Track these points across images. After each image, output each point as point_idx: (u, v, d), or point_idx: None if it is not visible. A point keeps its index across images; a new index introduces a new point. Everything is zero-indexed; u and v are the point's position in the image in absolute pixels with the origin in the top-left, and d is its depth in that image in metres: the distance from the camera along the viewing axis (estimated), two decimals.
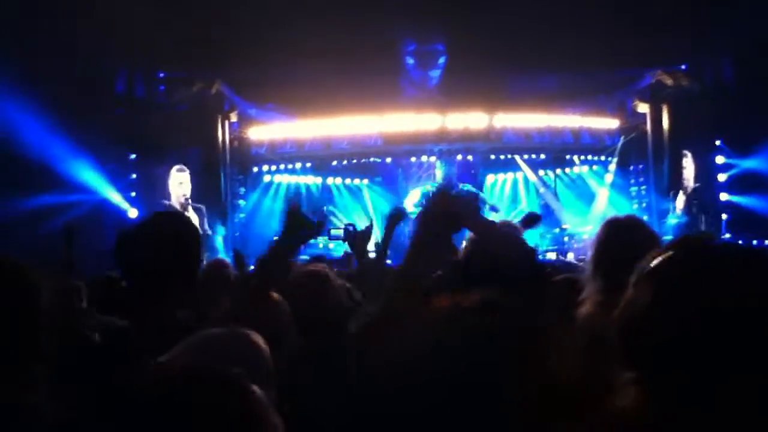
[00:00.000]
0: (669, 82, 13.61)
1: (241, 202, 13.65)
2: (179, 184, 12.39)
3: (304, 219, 2.02)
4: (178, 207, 12.06)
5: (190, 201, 12.21)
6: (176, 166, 12.37)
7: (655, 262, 0.96)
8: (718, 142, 13.44)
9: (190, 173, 12.46)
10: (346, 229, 4.08)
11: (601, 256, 2.33)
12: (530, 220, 3.58)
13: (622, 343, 0.92)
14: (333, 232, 6.75)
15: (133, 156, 12.07)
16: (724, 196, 13.35)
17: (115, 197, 11.53)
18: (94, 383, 1.61)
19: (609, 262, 2.27)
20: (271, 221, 13.48)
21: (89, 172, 10.82)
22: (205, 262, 3.65)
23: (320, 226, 2.10)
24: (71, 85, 9.65)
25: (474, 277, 2.16)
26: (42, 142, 9.47)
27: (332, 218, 13.97)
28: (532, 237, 12.52)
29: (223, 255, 9.94)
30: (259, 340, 1.54)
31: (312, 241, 10.60)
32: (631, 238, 2.31)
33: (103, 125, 10.67)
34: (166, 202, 12.13)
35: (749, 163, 12.75)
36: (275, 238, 2.08)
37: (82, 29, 9.20)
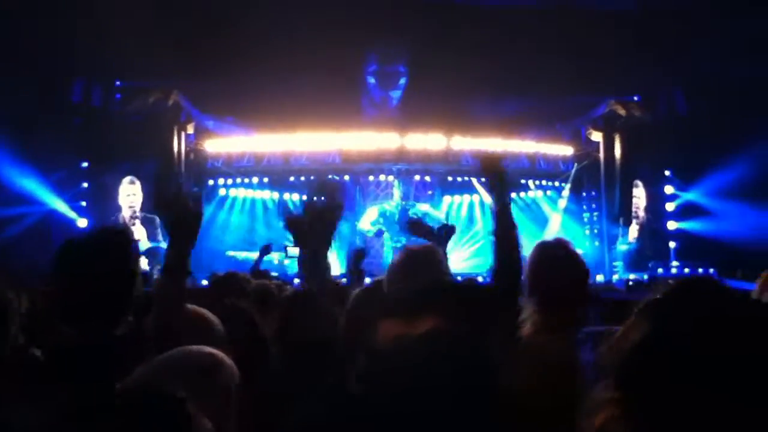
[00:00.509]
0: (622, 112, 14.02)
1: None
2: (128, 196, 12.15)
3: (182, 210, 1.98)
4: (127, 219, 11.82)
5: (139, 213, 11.98)
6: (127, 178, 12.13)
7: (657, 296, 0.98)
8: (667, 172, 13.87)
9: (145, 183, 12.22)
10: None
11: (533, 279, 2.39)
12: (447, 232, 3.62)
13: (616, 368, 0.94)
14: (289, 250, 6.72)
15: (85, 164, 11.81)
16: (672, 225, 13.75)
17: (63, 207, 11.25)
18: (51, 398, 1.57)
19: (541, 284, 2.34)
20: (225, 235, 13.31)
21: (37, 182, 10.56)
22: (156, 275, 3.58)
23: (197, 214, 2.03)
24: (25, 93, 9.42)
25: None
26: None
27: (288, 235, 13.87)
28: (486, 261, 12.68)
29: None
30: (221, 357, 1.51)
31: (266, 257, 10.46)
32: (559, 261, 2.39)
33: (57, 133, 10.43)
34: (117, 214, 11.90)
35: (694, 194, 13.22)
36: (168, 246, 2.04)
37: (40, 37, 9.02)
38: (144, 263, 9.81)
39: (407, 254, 2.51)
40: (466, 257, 14.03)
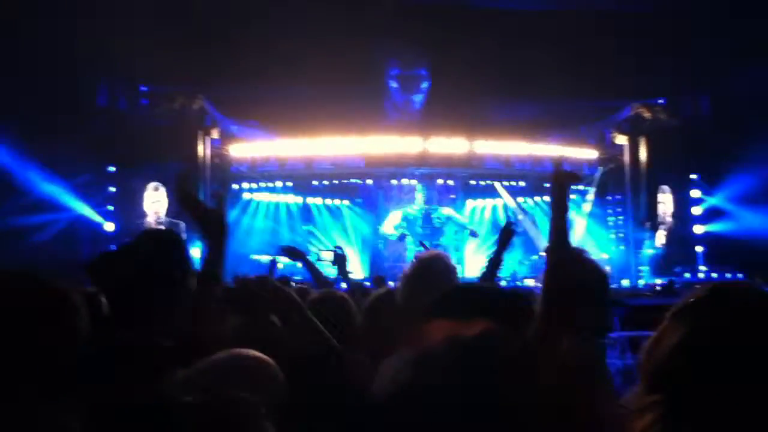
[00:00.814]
0: (647, 115, 13.87)
1: None
2: (153, 202, 12.32)
3: (204, 212, 1.96)
4: (152, 224, 11.97)
5: (164, 218, 12.13)
6: (152, 184, 12.30)
7: (690, 301, 0.98)
8: (693, 176, 13.69)
9: (169, 189, 12.38)
10: (335, 252, 4.12)
11: (550, 286, 2.38)
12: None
13: (650, 371, 0.95)
14: (322, 255, 6.81)
15: (112, 168, 11.99)
16: (699, 229, 13.57)
17: (90, 212, 11.43)
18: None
19: (558, 292, 2.32)
20: (249, 239, 13.39)
21: (63, 188, 10.75)
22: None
23: (220, 214, 2.00)
24: (51, 97, 9.58)
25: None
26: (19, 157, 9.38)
27: (312, 239, 13.93)
28: (510, 264, 12.62)
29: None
30: (269, 362, 1.53)
31: (288, 262, 10.52)
32: (576, 271, 2.37)
33: (82, 137, 10.59)
34: (142, 219, 12.06)
35: (720, 198, 13.04)
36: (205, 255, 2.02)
37: (66, 41, 9.17)
38: None
39: (419, 263, 2.51)
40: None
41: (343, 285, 3.90)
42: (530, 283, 11.47)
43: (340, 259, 3.99)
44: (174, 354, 1.46)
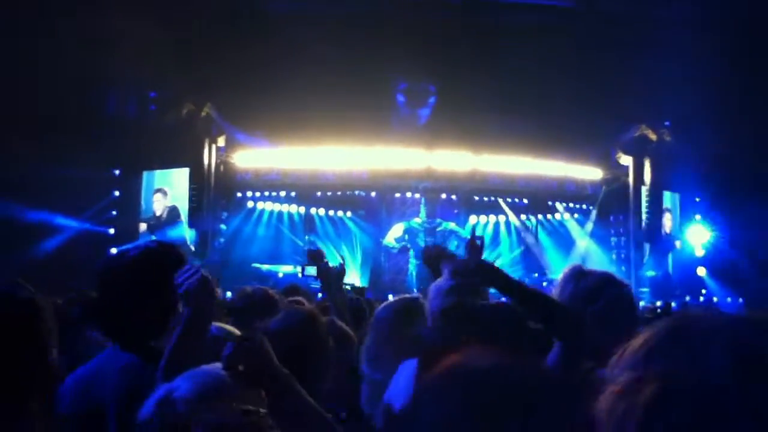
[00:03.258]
0: (653, 136, 13.89)
1: (222, 226, 13.57)
2: (158, 205, 12.48)
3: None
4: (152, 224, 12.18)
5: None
6: (158, 190, 12.47)
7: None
8: (698, 199, 13.71)
9: (174, 194, 12.52)
10: (319, 265, 3.71)
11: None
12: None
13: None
14: (308, 267, 6.58)
15: (117, 172, 12.07)
16: (700, 252, 13.57)
17: (95, 220, 11.56)
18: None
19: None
20: (251, 247, 13.40)
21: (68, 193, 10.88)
22: None
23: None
24: (59, 102, 9.65)
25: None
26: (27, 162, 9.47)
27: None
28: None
29: None
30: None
31: (291, 270, 10.48)
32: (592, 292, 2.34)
33: (90, 141, 10.67)
34: (144, 223, 12.21)
35: (724, 221, 13.05)
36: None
37: (77, 46, 9.25)
38: None
39: (390, 307, 2.52)
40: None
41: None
42: None
43: (323, 273, 3.60)
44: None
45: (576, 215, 15.03)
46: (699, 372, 0.87)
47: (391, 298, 4.03)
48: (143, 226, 12.33)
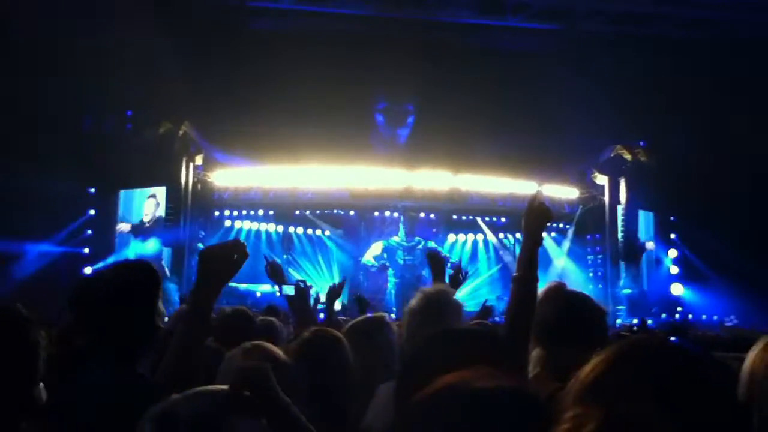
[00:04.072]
0: (628, 156, 14.11)
1: (200, 245, 13.46)
2: (149, 210, 12.52)
3: (220, 257, 1.91)
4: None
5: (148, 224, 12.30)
6: (149, 192, 12.45)
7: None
8: (672, 218, 13.91)
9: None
10: (296, 286, 3.78)
11: (542, 326, 2.35)
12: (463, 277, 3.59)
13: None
14: (285, 288, 6.57)
15: (93, 190, 11.96)
16: (675, 270, 13.75)
17: (70, 241, 11.45)
18: None
19: (551, 331, 2.31)
20: None
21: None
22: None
23: (239, 262, 1.96)
24: (36, 120, 9.57)
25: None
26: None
27: (290, 269, 13.86)
28: (491, 299, 12.63)
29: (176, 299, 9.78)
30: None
31: (270, 289, 10.37)
32: (571, 309, 2.37)
33: (66, 160, 10.56)
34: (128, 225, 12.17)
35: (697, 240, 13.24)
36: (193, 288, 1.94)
37: (55, 66, 9.20)
38: None
39: (425, 298, 2.49)
40: (463, 295, 13.95)
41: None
42: None
43: (298, 295, 3.74)
44: (156, 390, 1.44)
45: (553, 234, 15.15)
46: (634, 408, 0.90)
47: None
48: (126, 227, 12.22)
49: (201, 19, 11.10)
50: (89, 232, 11.79)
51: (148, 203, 12.45)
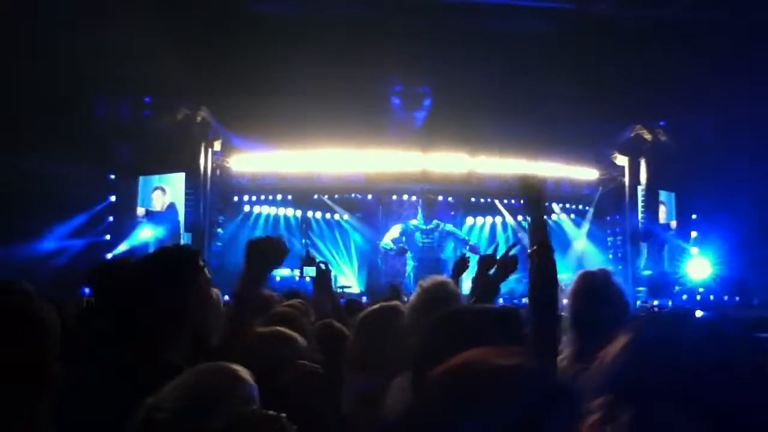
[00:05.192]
0: (648, 137, 13.93)
1: (219, 230, 13.57)
2: (157, 201, 12.61)
3: (267, 246, 1.98)
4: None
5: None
6: (157, 187, 12.51)
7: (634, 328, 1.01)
8: (693, 199, 13.75)
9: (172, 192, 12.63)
10: (318, 267, 3.93)
11: (575, 309, 2.35)
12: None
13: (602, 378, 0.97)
14: (306, 269, 6.68)
15: (112, 177, 12.07)
16: (695, 251, 13.60)
17: (92, 230, 11.59)
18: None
19: (583, 316, 2.31)
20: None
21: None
22: None
23: (282, 255, 2.03)
24: (54, 107, 9.63)
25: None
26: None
27: (312, 251, 13.91)
28: (507, 281, 12.61)
29: None
30: (245, 374, 1.49)
31: (289, 273, 10.48)
32: (602, 294, 2.36)
33: (86, 147, 10.65)
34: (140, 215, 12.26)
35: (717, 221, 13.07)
36: (243, 270, 2.01)
37: (72, 50, 9.23)
38: None
39: (423, 293, 2.51)
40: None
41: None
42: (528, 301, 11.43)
43: (321, 274, 3.85)
44: (177, 372, 1.44)
45: (572, 216, 15.06)
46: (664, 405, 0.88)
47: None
48: (141, 211, 12.36)
49: (215, 2, 11.09)
50: (110, 218, 11.90)
51: (156, 195, 12.56)
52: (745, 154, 11.57)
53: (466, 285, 3.50)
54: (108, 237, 11.73)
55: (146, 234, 11.73)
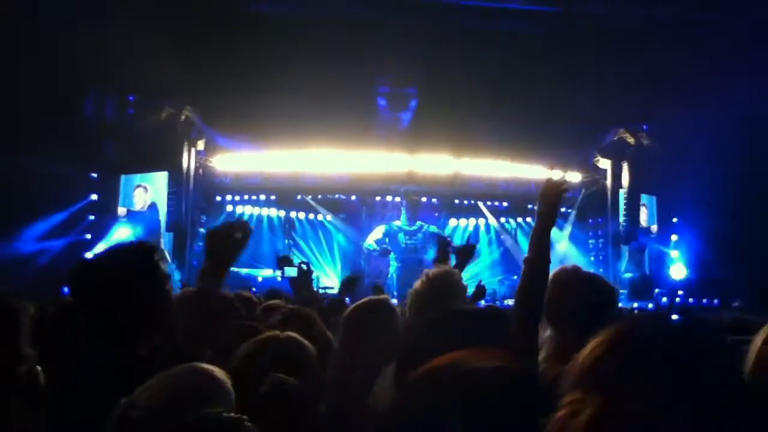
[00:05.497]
0: (630, 140, 14.05)
1: (201, 230, 13.48)
2: (139, 199, 12.52)
3: (226, 237, 1.95)
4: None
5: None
6: (140, 186, 12.42)
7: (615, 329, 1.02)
8: (674, 202, 13.88)
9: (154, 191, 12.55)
10: (299, 268, 3.92)
11: (552, 307, 2.35)
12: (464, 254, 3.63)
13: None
14: (287, 270, 6.64)
15: (95, 175, 11.97)
16: (676, 254, 13.74)
17: (72, 229, 11.49)
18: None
19: (560, 312, 2.31)
20: None
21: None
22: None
23: (243, 241, 2.00)
24: (36, 104, 9.53)
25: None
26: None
27: (294, 252, 13.87)
28: (490, 283, 12.66)
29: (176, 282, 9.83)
30: (221, 375, 1.51)
31: (271, 274, 10.43)
32: (580, 291, 2.37)
33: (72, 146, 10.55)
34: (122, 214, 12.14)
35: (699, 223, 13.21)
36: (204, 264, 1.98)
37: (55, 49, 9.15)
38: None
39: (429, 281, 2.49)
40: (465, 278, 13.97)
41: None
42: (511, 302, 11.48)
43: (302, 276, 3.86)
44: (155, 372, 1.44)
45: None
46: (634, 394, 0.89)
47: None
48: (122, 210, 12.26)
49: (201, 2, 11.03)
50: (91, 217, 11.79)
51: (138, 193, 12.48)
52: (726, 158, 11.69)
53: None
54: (89, 236, 11.61)
55: (124, 233, 11.60)
